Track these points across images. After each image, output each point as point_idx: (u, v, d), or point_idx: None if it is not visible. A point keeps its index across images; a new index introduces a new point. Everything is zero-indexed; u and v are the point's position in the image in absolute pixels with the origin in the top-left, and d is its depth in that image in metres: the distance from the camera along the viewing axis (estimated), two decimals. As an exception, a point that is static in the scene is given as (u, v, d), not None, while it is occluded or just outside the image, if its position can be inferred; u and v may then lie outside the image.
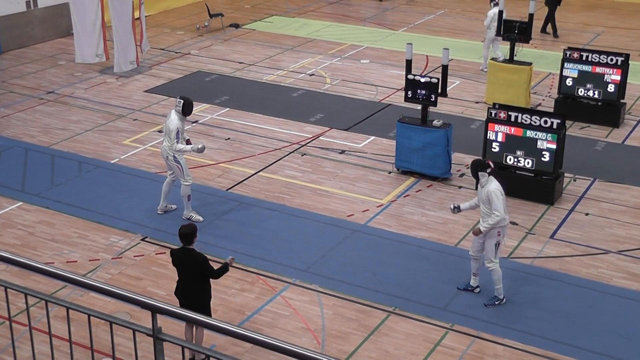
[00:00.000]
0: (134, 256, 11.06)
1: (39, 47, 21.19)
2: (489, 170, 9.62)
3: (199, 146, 11.45)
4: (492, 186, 9.51)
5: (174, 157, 11.48)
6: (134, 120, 16.04)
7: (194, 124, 15.59)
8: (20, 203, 12.58)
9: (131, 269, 10.75)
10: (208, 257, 10.97)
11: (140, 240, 11.48)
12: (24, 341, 8.72)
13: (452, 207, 10.22)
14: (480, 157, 9.67)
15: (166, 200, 12.03)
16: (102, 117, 16.23)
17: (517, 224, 11.74)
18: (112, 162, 14.08)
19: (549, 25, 21.95)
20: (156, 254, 11.11)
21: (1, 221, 12.02)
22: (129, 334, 3.97)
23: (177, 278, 8.67)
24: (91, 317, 4.05)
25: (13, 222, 12.00)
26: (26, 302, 4.20)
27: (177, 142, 11.37)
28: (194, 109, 12.14)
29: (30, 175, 13.56)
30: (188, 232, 8.46)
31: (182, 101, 11.45)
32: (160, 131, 14.35)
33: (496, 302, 9.91)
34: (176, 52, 20.76)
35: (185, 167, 11.60)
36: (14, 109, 16.66)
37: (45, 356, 5.85)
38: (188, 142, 11.67)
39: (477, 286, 10.20)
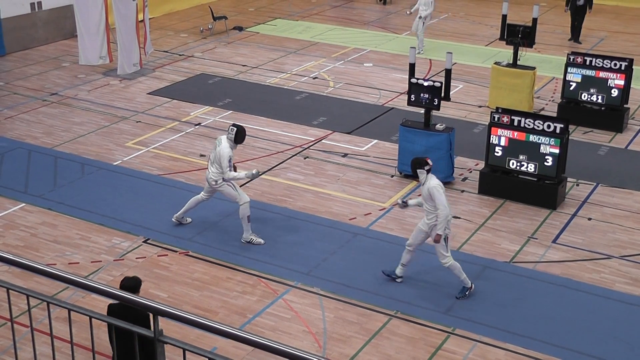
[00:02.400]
0: (136, 258, 11.06)
1: (42, 49, 21.23)
2: (427, 167, 9.82)
3: (253, 172, 11.07)
4: (433, 182, 9.74)
5: (223, 180, 11.10)
6: (137, 122, 16.06)
7: (196, 127, 15.61)
8: (23, 204, 12.60)
9: (133, 271, 10.74)
10: (209, 259, 11.04)
11: (142, 242, 11.49)
12: (25, 342, 8.72)
13: (400, 202, 10.39)
14: (419, 157, 9.98)
15: (186, 213, 11.82)
16: (105, 119, 16.25)
17: (459, 217, 11.69)
18: (115, 164, 14.09)
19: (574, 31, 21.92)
20: (158, 256, 11.11)
21: (4, 222, 12.03)
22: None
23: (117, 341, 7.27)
24: (93, 319, 4.05)
25: (16, 223, 12.01)
26: (28, 304, 4.20)
27: (230, 170, 11.05)
28: (197, 112, 12.12)
29: (33, 176, 13.57)
30: (132, 285, 7.35)
31: (235, 129, 11.12)
32: (202, 155, 14.21)
33: (466, 293, 10.08)
34: (180, 55, 20.78)
35: (238, 187, 11.32)
36: (17, 111, 16.69)
37: (46, 357, 5.85)
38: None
39: (402, 277, 10.37)
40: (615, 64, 15.24)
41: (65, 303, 4.15)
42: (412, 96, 13.33)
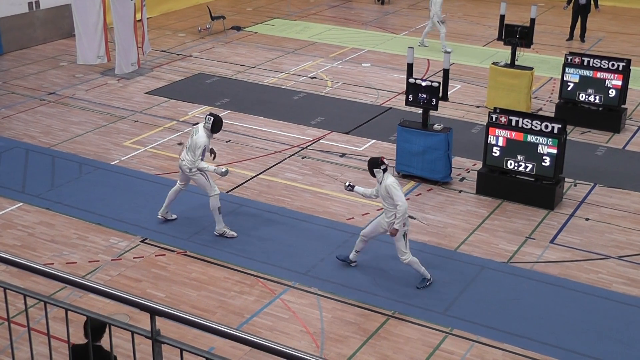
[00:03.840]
0: (134, 258, 11.05)
1: (40, 48, 21.20)
2: (383, 167, 10.03)
3: (222, 170, 11.13)
4: (389, 180, 9.98)
5: (197, 169, 11.20)
6: (135, 121, 16.05)
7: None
8: (21, 204, 12.58)
9: (130, 270, 10.74)
10: (207, 259, 11.03)
11: (140, 242, 11.48)
12: (22, 342, 8.70)
13: (346, 184, 10.67)
14: (374, 157, 10.25)
15: (168, 207, 11.89)
16: (103, 118, 16.23)
17: (414, 219, 11.74)
18: (113, 163, 14.08)
19: (577, 32, 21.90)
20: (156, 255, 11.10)
21: (1, 222, 12.01)
22: (128, 336, 3.96)
23: None
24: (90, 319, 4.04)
25: (13, 222, 12.00)
26: (25, 303, 4.20)
27: (202, 160, 11.13)
28: (195, 111, 12.12)
29: (31, 176, 13.56)
30: (98, 326, 6.42)
31: (212, 118, 11.21)
32: (180, 144, 14.27)
33: (427, 283, 10.34)
34: (177, 54, 20.77)
35: (211, 178, 11.38)
36: (15, 110, 16.67)
37: (43, 357, 5.82)
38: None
39: (355, 262, 10.77)
40: (612, 65, 15.25)
41: (62, 303, 4.15)
42: (410, 96, 13.33)
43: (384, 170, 10.03)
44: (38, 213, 12.29)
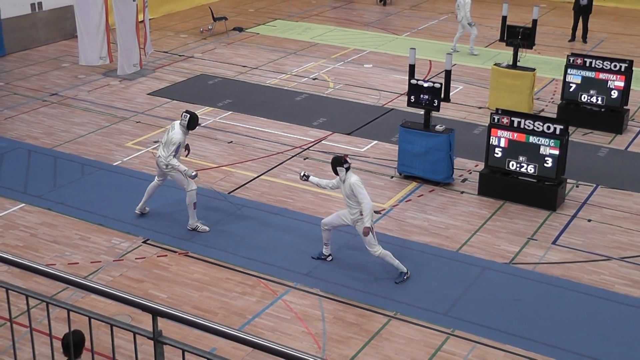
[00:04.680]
0: (135, 258, 11.05)
1: (43, 50, 21.22)
2: (346, 165, 10.15)
3: (192, 173, 11.23)
4: (352, 179, 10.08)
5: (172, 166, 11.37)
6: (137, 122, 16.06)
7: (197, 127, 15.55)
8: (23, 204, 12.59)
9: (132, 271, 10.75)
10: (209, 260, 11.03)
11: (142, 242, 11.48)
12: (24, 342, 8.71)
13: (301, 174, 10.87)
14: (338, 155, 10.34)
15: (146, 202, 12.01)
16: (105, 119, 16.25)
17: (380, 213, 11.76)
18: (115, 164, 14.09)
19: (580, 32, 21.89)
20: (157, 256, 11.10)
21: (3, 222, 12.02)
22: (130, 337, 3.96)
23: None
24: (92, 320, 4.04)
25: (15, 223, 12.01)
26: (27, 304, 4.19)
27: (175, 157, 11.28)
28: (197, 112, 12.15)
29: (33, 176, 13.57)
30: (76, 341, 6.49)
31: (189, 115, 11.35)
32: (156, 141, 14.32)
33: (404, 277, 10.42)
34: (180, 55, 20.78)
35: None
36: (17, 111, 16.68)
37: (45, 357, 5.84)
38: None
39: (330, 254, 10.91)
40: (615, 66, 15.24)
41: (64, 303, 4.15)
42: (412, 97, 13.33)
43: (347, 169, 10.17)
44: (40, 214, 12.30)
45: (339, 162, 10.22)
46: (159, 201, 12.25)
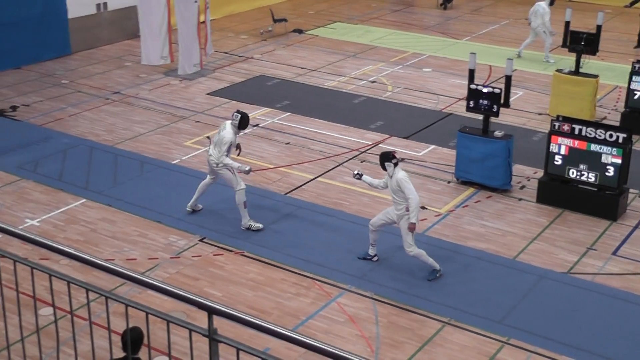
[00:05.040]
0: (192, 256, 11.19)
1: (106, 49, 21.66)
2: (394, 161, 10.18)
3: (246, 168, 11.41)
4: (400, 175, 10.10)
5: (224, 165, 11.52)
6: (196, 122, 16.25)
7: (254, 128, 15.70)
8: (84, 200, 12.86)
9: (189, 269, 10.88)
10: (264, 260, 11.10)
11: (199, 241, 11.61)
12: (83, 335, 8.92)
13: (355, 172, 11.00)
14: (386, 150, 10.34)
15: (197, 200, 12.15)
16: (164, 118, 16.49)
17: (426, 208, 11.60)
18: (173, 162, 14.29)
19: None
20: (214, 255, 11.22)
21: (66, 217, 12.30)
22: (185, 334, 4.00)
23: None
24: (149, 315, 4.09)
25: (77, 218, 12.27)
26: (87, 297, 4.27)
27: (227, 156, 11.42)
28: (255, 113, 12.24)
29: (94, 173, 13.85)
30: (135, 338, 6.72)
31: (240, 115, 11.52)
32: (208, 137, 14.47)
33: (437, 275, 10.48)
34: (239, 56, 20.97)
35: (237, 173, 11.61)
36: (80, 108, 17.05)
37: (103, 350, 5.93)
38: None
39: (375, 255, 10.92)
40: (682, 73, 14.84)
41: (122, 298, 4.20)
42: (471, 102, 13.20)
43: (395, 165, 10.17)
44: (100, 209, 12.54)
45: (387, 157, 10.26)
46: (216, 199, 12.37)
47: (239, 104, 17.11)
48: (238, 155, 12.18)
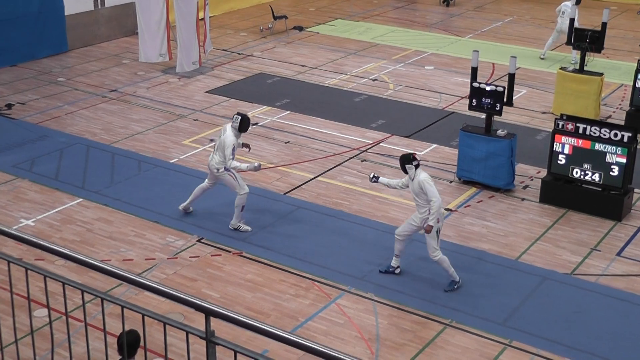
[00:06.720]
0: (190, 257, 11.04)
1: (104, 46, 21.51)
2: (415, 163, 9.99)
3: (255, 164, 11.24)
4: (422, 176, 9.90)
5: (225, 169, 11.30)
6: (195, 120, 16.10)
7: (253, 126, 15.54)
8: (80, 199, 12.71)
9: (186, 269, 10.73)
10: (263, 260, 10.95)
11: (196, 241, 11.46)
12: (79, 337, 8.77)
13: (371, 175, 10.70)
14: (406, 153, 10.17)
15: (191, 203, 11.97)
16: (163, 116, 16.34)
17: (451, 210, 11.45)
18: (171, 162, 14.14)
19: None
20: (211, 255, 11.06)
21: (61, 217, 12.15)
22: (182, 336, 3.88)
23: None
24: (145, 317, 3.98)
25: (73, 218, 12.11)
26: (83, 299, 4.18)
27: (232, 159, 11.19)
28: (255, 111, 12.10)
29: (91, 172, 13.69)
30: (131, 341, 6.56)
31: (240, 117, 11.30)
32: (211, 140, 14.32)
33: (455, 287, 10.16)
34: (239, 54, 20.83)
35: (239, 177, 11.44)
36: (77, 106, 16.90)
37: (99, 352, 5.80)
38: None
39: (398, 266, 10.52)
40: (687, 72, 14.70)
41: (118, 300, 4.12)
42: (474, 101, 13.06)
43: (416, 167, 9.98)
44: (97, 209, 12.39)
45: (408, 159, 10.03)
46: (213, 200, 12.22)
47: (238, 102, 16.98)
48: (248, 152, 12.09)
